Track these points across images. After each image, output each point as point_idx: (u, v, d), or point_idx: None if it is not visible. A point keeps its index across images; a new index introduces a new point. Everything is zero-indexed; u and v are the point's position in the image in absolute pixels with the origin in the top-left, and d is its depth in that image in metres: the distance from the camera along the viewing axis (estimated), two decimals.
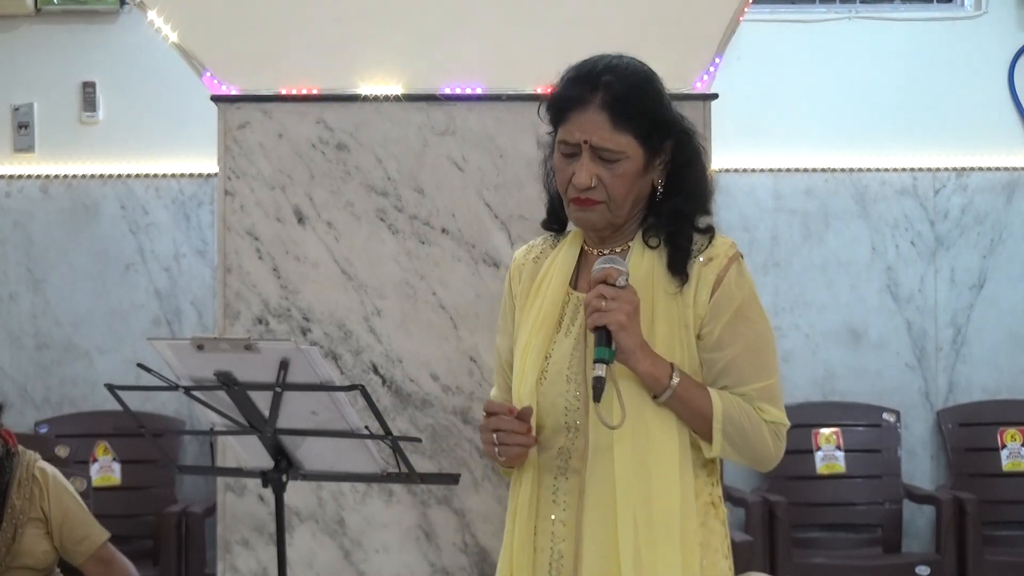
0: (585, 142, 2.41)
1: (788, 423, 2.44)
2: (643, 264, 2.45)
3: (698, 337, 2.44)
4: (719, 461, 2.51)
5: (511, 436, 2.41)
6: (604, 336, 2.34)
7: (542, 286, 2.54)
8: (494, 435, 2.42)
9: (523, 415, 2.42)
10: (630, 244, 2.49)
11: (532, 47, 4.34)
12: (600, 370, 2.33)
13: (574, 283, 2.53)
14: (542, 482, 2.47)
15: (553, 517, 2.45)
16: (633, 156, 2.43)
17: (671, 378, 2.36)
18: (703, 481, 2.45)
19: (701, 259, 2.44)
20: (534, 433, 2.45)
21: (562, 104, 2.46)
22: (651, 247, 2.47)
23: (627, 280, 2.38)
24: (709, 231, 2.48)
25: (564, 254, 2.55)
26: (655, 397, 2.38)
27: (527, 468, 2.49)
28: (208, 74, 4.44)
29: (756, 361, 2.43)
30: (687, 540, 2.39)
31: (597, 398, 2.33)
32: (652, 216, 2.49)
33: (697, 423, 2.40)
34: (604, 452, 2.41)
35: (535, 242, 2.65)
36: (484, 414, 2.47)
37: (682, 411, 2.39)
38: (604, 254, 2.48)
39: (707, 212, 2.50)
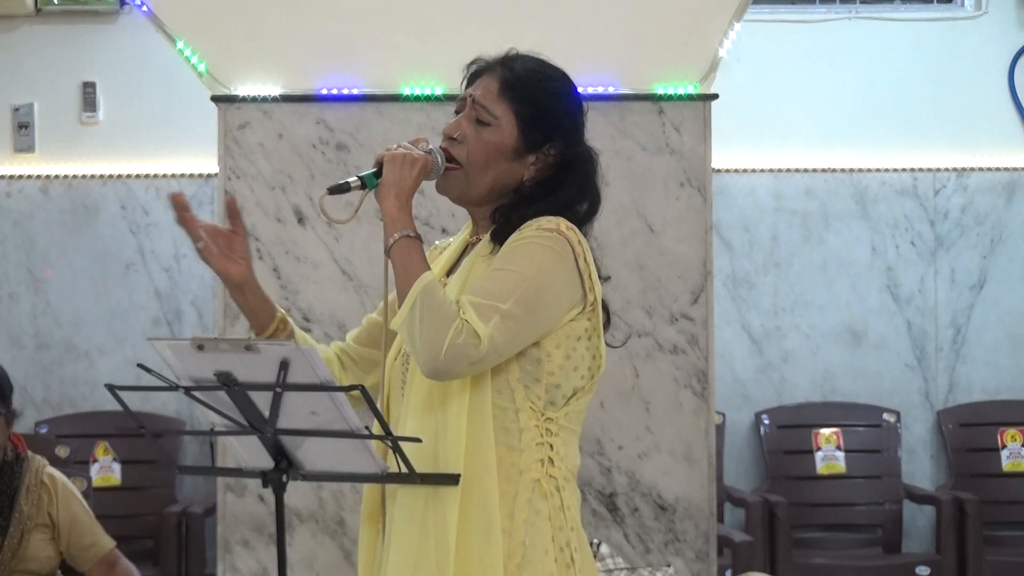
0: (470, 96, 2.51)
1: (484, 336, 2.29)
2: (485, 238, 2.50)
3: None
4: (555, 439, 2.43)
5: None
6: (379, 169, 2.47)
7: None
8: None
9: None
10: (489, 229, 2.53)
11: (532, 47, 4.33)
12: (354, 182, 2.46)
13: (450, 272, 2.57)
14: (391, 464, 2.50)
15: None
16: (505, 130, 2.48)
17: (402, 232, 2.40)
18: (528, 458, 2.40)
19: (520, 228, 2.43)
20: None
21: (476, 70, 2.56)
22: (495, 223, 2.50)
23: (429, 149, 2.47)
24: (550, 215, 2.45)
25: (454, 243, 2.62)
26: (385, 248, 2.41)
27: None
28: (207, 74, 4.44)
29: (492, 283, 2.35)
30: (482, 505, 2.35)
31: (331, 191, 2.46)
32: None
33: (402, 287, 2.37)
34: (402, 428, 2.44)
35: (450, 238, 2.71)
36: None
37: (396, 270, 2.39)
38: (477, 240, 2.53)
39: (569, 217, 2.46)
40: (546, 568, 2.38)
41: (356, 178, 2.46)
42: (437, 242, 2.71)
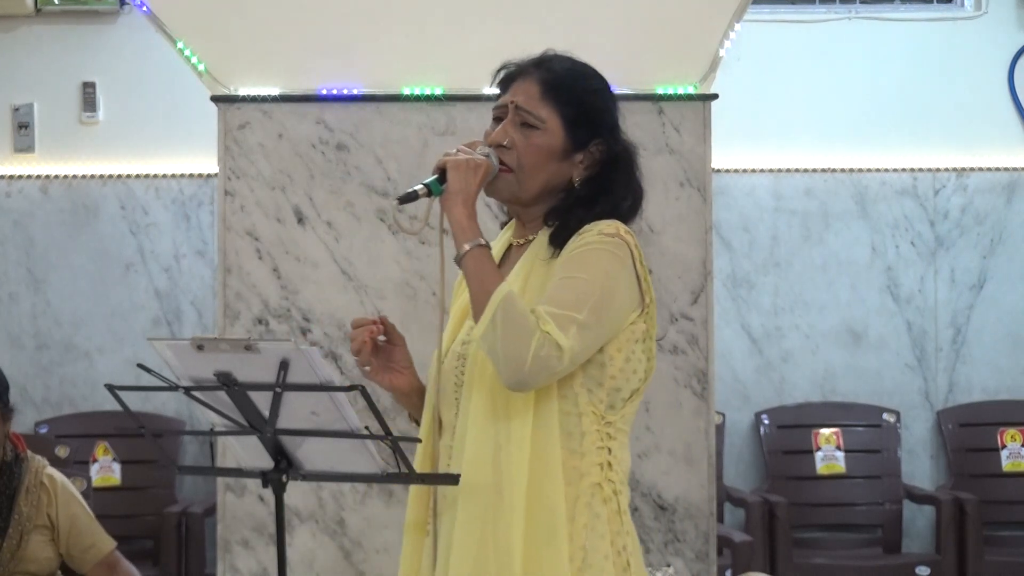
0: (512, 102, 2.51)
1: (566, 348, 2.31)
2: (538, 241, 2.51)
3: None
4: (613, 443, 2.46)
5: (358, 333, 2.51)
6: (441, 175, 2.44)
7: None
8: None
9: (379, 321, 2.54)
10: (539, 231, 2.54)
11: (532, 47, 4.33)
12: (421, 190, 2.42)
13: None
14: (442, 468, 2.49)
15: (444, 495, 2.47)
16: (553, 132, 2.49)
17: (474, 242, 2.39)
18: (589, 462, 2.42)
19: (579, 232, 2.45)
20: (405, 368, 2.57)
21: (508, 75, 2.57)
22: (548, 226, 2.51)
23: (488, 158, 2.46)
24: (606, 218, 2.48)
25: (495, 245, 2.60)
26: (454, 258, 2.41)
27: (421, 455, 2.51)
28: (208, 74, 4.44)
29: (565, 292, 2.37)
30: (547, 511, 2.36)
31: (401, 199, 2.42)
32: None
33: (478, 296, 2.37)
34: (464, 423, 2.43)
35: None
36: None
37: (470, 279, 2.39)
38: (526, 241, 2.53)
39: (618, 217, 2.49)
40: (604, 572, 2.39)
41: (422, 186, 2.43)
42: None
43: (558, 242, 2.47)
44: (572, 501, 2.39)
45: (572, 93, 2.51)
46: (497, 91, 2.59)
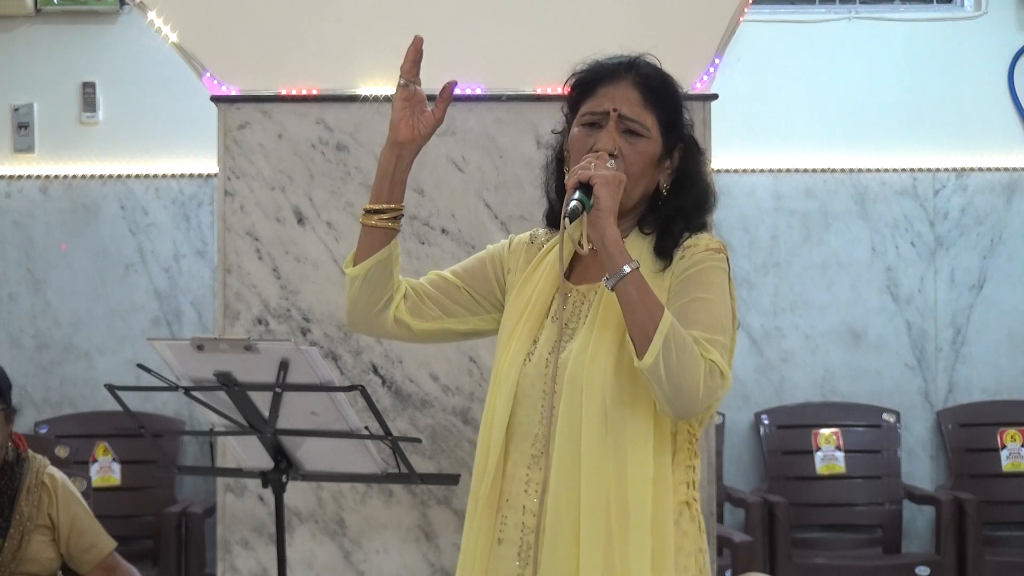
0: (614, 110, 2.45)
1: (728, 375, 2.32)
2: (634, 249, 2.46)
3: None
4: (697, 461, 2.45)
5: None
6: (586, 189, 2.33)
7: (535, 274, 2.54)
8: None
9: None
10: (627, 238, 2.50)
11: (532, 47, 4.34)
12: (578, 206, 2.31)
13: (567, 276, 2.54)
14: (516, 473, 2.44)
15: (524, 506, 2.42)
16: (654, 139, 2.46)
17: (633, 264, 2.30)
18: (678, 479, 2.41)
19: (684, 246, 2.45)
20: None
21: (594, 77, 2.50)
22: (645, 234, 2.48)
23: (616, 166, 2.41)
24: (701, 228, 2.51)
25: (555, 244, 2.53)
26: (607, 280, 2.31)
27: (488, 457, 2.46)
28: (208, 74, 4.44)
29: (706, 314, 2.36)
30: (661, 533, 2.35)
31: (571, 216, 2.30)
32: (652, 211, 2.51)
33: (642, 322, 2.27)
34: (572, 438, 2.37)
35: (537, 231, 2.65)
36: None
37: (630, 304, 2.29)
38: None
39: (703, 223, 2.52)
40: None
41: (577, 202, 2.32)
42: (515, 236, 2.66)
43: (665, 251, 2.45)
44: None
45: (669, 99, 2.49)
46: (568, 93, 2.54)
